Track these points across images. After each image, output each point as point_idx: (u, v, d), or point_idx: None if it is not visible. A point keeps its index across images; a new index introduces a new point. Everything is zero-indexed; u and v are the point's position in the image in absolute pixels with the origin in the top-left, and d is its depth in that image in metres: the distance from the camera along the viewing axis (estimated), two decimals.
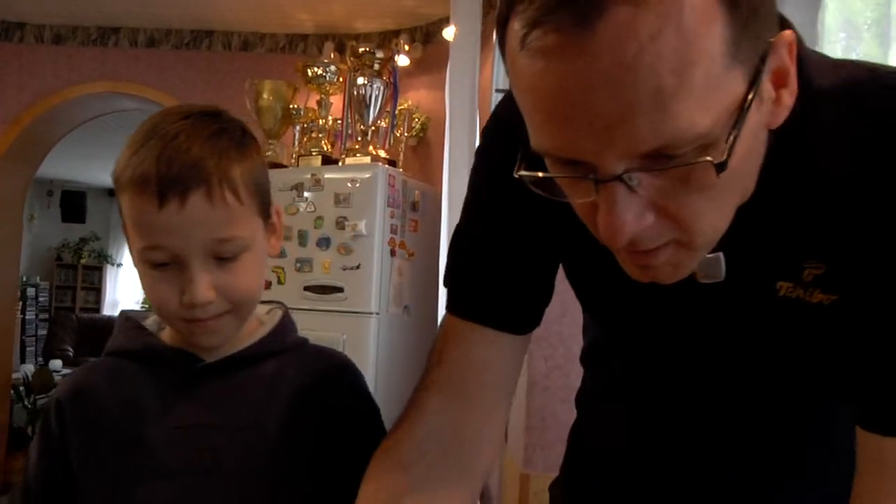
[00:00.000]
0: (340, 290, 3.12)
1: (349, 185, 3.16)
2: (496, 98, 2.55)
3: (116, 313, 8.86)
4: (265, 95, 3.61)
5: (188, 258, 0.73)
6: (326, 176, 3.20)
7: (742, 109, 0.48)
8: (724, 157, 0.48)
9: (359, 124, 3.39)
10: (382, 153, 3.37)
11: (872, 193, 0.57)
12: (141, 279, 0.78)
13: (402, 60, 3.55)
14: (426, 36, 3.88)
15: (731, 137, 0.48)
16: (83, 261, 8.99)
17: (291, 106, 3.62)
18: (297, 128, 3.60)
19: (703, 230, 0.53)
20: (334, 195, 3.17)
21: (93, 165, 7.71)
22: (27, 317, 7.74)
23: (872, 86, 0.58)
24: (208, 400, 0.80)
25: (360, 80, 3.31)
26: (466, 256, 0.80)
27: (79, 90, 4.23)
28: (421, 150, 3.91)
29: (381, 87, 3.34)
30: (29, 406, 4.89)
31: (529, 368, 1.92)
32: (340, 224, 3.14)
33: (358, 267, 3.12)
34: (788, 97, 0.54)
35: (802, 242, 0.60)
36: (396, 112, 3.52)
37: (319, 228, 3.15)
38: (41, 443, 0.81)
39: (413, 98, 3.85)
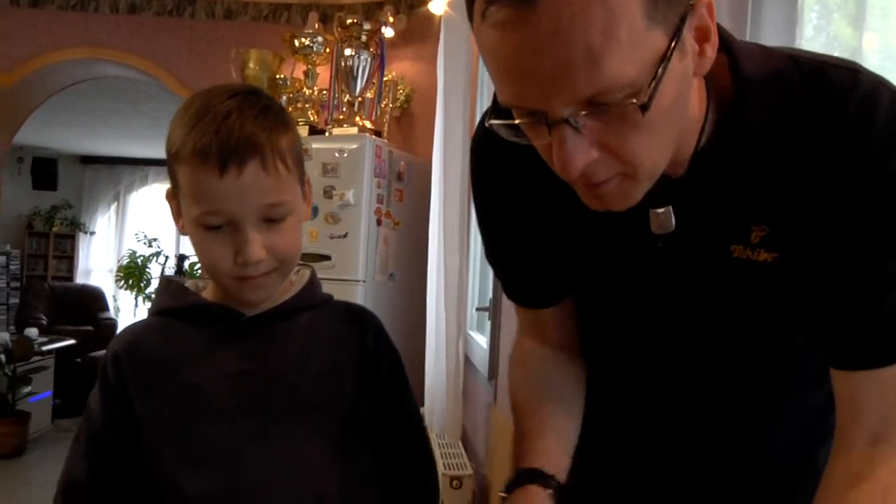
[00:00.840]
0: (328, 258, 3.19)
1: (336, 154, 3.22)
2: (485, 73, 2.61)
3: (89, 282, 8.80)
4: (251, 65, 3.64)
5: (242, 221, 0.81)
6: (314, 146, 3.24)
7: (662, 60, 0.58)
8: (647, 99, 0.58)
9: (345, 95, 3.43)
10: (368, 124, 3.42)
11: (799, 166, 0.68)
12: (194, 242, 0.85)
13: (388, 32, 3.59)
14: (410, 8, 3.91)
15: (653, 83, 0.58)
16: (55, 229, 8.85)
17: (278, 76, 3.64)
18: (284, 98, 3.63)
19: (643, 162, 0.63)
20: (322, 165, 3.22)
21: (67, 132, 7.60)
22: None
23: (793, 74, 0.69)
24: (252, 349, 0.88)
25: (348, 52, 3.35)
26: (495, 256, 0.95)
27: (58, 56, 4.19)
28: (404, 121, 3.96)
29: (368, 59, 3.38)
30: (9, 374, 4.88)
31: None
32: (328, 193, 3.20)
33: (345, 236, 3.19)
34: (710, 50, 0.63)
35: (748, 209, 0.71)
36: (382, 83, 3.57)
37: None
38: (102, 394, 0.88)
39: (397, 69, 3.89)
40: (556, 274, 0.88)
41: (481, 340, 2.90)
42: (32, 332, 5.90)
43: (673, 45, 0.59)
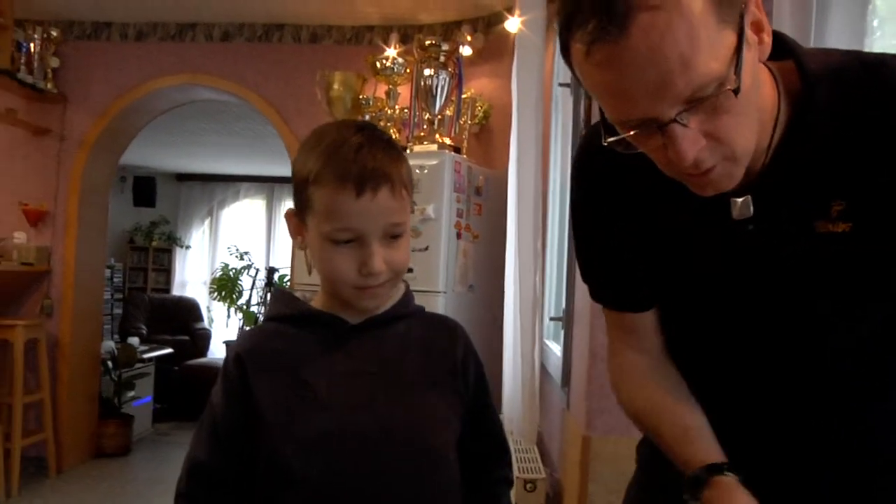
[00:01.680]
0: (410, 270, 3.32)
1: (417, 171, 3.36)
2: (558, 91, 2.70)
3: (185, 293, 9.27)
4: (336, 86, 3.82)
5: (369, 237, 0.94)
6: None
7: (738, 51, 0.70)
8: (737, 84, 0.70)
9: (425, 113, 3.58)
10: (448, 140, 3.55)
11: (868, 146, 0.78)
12: (319, 255, 0.98)
13: (466, 51, 3.72)
14: (487, 26, 4.03)
15: (738, 70, 0.70)
16: (154, 243, 9.38)
17: (361, 96, 3.82)
18: (367, 117, 3.80)
19: (739, 142, 0.75)
20: None
21: (165, 152, 8.06)
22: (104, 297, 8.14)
23: (855, 65, 0.80)
24: (356, 352, 1.01)
25: (427, 72, 3.49)
26: (592, 264, 1.04)
27: (159, 83, 4.52)
28: (483, 137, 4.08)
29: (447, 78, 3.52)
30: (115, 379, 5.24)
31: (590, 340, 2.08)
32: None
33: (426, 249, 3.32)
34: (767, 37, 0.75)
35: (827, 188, 0.80)
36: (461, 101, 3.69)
37: None
38: (224, 389, 1.01)
39: (475, 86, 4.01)
40: (652, 275, 0.95)
41: (556, 349, 2.98)
42: (134, 340, 6.29)
43: (741, 38, 0.71)
